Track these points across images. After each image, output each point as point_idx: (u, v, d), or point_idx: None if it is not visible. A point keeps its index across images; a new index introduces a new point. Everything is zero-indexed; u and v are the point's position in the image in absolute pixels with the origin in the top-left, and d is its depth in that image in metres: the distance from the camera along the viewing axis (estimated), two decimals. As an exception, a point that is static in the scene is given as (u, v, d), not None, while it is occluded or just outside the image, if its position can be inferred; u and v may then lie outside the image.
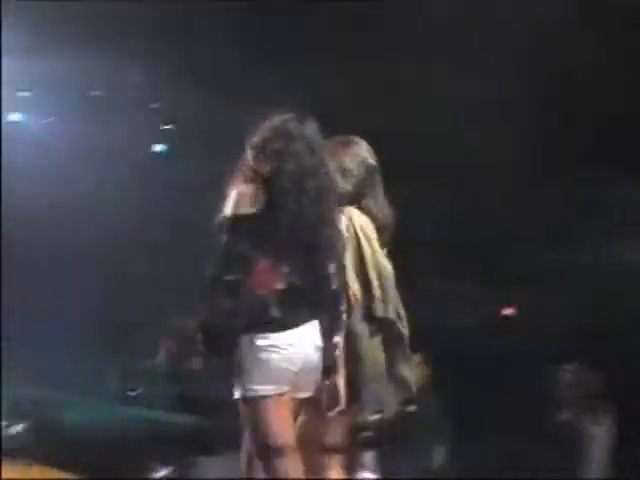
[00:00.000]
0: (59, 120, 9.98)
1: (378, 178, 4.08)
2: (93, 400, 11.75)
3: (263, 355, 3.35)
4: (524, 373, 9.38)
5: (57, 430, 8.95)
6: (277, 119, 3.56)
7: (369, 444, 4.05)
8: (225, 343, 3.37)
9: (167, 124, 10.75)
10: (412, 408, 3.94)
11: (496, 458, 8.46)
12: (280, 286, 3.37)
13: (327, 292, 3.47)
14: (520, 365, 9.57)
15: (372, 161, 4.06)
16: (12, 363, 10.40)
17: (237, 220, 3.32)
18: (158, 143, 11.00)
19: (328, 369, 3.48)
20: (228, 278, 3.27)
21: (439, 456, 8.26)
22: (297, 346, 3.39)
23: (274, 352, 3.35)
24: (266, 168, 3.45)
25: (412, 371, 4.05)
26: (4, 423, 7.79)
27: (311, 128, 3.52)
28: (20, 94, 9.82)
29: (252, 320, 3.37)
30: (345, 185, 3.85)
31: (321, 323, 3.48)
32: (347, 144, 4.02)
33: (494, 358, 9.86)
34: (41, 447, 7.81)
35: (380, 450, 4.85)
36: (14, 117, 10.02)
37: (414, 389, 4.01)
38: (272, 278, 3.37)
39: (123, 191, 10.35)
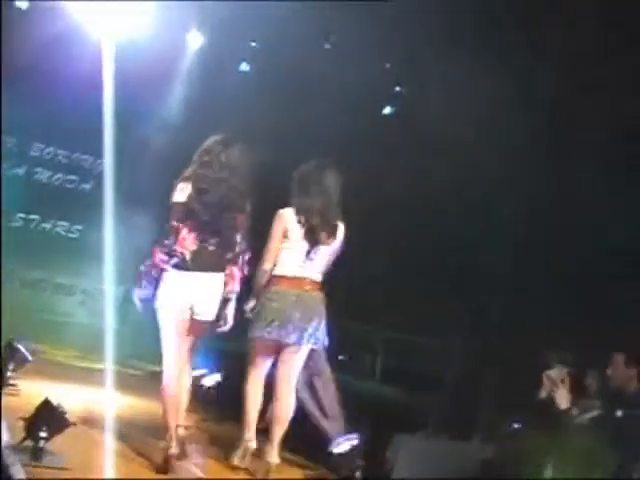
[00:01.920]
0: (287, 71, 9.81)
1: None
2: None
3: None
4: None
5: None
6: (209, 141, 5.44)
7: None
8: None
9: (398, 86, 10.36)
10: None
11: None
12: (193, 247, 5.23)
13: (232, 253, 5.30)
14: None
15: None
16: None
17: (172, 205, 5.26)
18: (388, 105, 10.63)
19: (226, 301, 5.28)
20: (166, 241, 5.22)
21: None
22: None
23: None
24: (194, 172, 5.33)
25: None
26: (201, 372, 7.71)
27: (230, 150, 5.38)
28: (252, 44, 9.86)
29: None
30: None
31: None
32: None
33: None
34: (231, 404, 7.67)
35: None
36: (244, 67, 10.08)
37: None
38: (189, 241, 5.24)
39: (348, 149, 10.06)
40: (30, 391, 6.54)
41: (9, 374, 6.77)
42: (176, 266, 5.16)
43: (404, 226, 10.10)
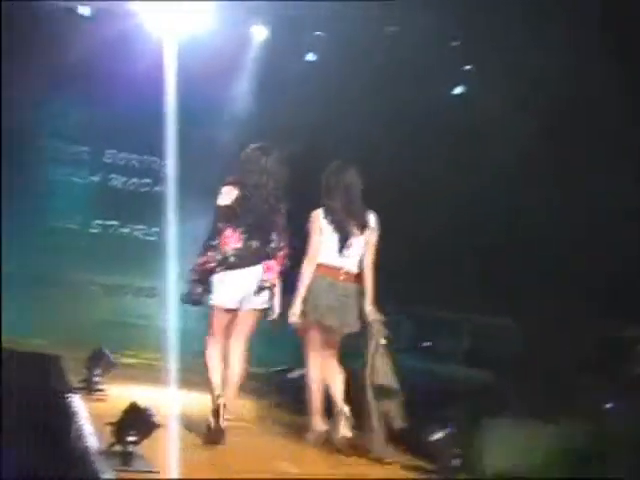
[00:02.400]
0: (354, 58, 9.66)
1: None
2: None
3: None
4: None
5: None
6: (249, 149, 6.14)
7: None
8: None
9: (467, 64, 10.13)
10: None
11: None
12: (238, 245, 5.91)
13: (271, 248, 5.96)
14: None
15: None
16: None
17: (218, 208, 5.96)
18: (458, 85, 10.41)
19: (261, 289, 5.92)
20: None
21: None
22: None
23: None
24: (238, 178, 6.03)
25: None
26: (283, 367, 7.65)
27: (269, 158, 6.04)
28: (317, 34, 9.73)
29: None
30: None
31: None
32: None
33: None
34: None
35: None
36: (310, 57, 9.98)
37: None
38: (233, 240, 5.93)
39: (420, 133, 9.90)
40: (118, 396, 6.55)
41: (96, 379, 6.80)
42: (222, 264, 5.82)
43: (476, 209, 9.89)
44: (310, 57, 10.10)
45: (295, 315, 6.08)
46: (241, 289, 5.91)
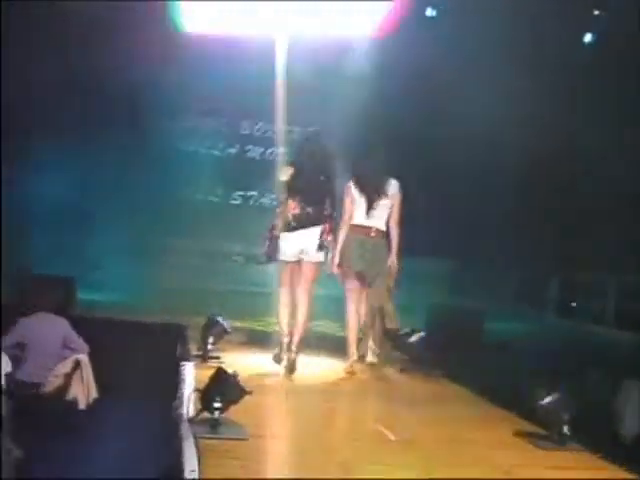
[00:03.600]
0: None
1: None
2: (534, 310, 11.35)
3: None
4: None
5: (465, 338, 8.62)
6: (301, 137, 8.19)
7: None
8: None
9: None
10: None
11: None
12: (297, 212, 7.16)
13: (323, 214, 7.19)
14: None
15: None
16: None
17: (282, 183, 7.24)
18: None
19: (321, 247, 7.17)
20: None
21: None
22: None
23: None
24: (293, 160, 7.40)
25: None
26: (404, 331, 7.49)
27: (316, 144, 7.35)
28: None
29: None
30: None
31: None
32: None
33: None
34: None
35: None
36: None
37: None
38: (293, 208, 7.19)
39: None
40: (231, 363, 6.55)
41: (210, 347, 6.84)
42: (286, 227, 7.13)
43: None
44: (429, 12, 9.78)
45: (334, 265, 7.34)
46: (299, 246, 7.18)
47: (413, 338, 7.43)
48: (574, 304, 11.13)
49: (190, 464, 4.18)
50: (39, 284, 7.81)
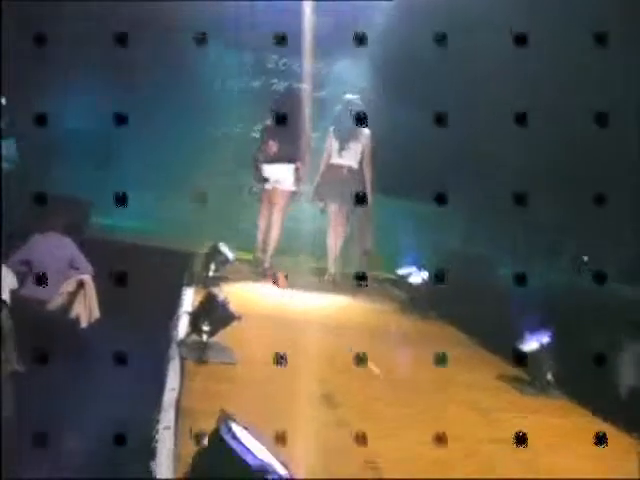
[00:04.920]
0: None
1: None
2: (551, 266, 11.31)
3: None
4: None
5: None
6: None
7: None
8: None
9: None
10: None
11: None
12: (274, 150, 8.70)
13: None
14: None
15: None
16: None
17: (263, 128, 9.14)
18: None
19: (297, 179, 8.77)
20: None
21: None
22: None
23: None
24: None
25: None
26: (406, 271, 7.54)
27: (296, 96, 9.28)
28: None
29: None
30: None
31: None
32: None
33: None
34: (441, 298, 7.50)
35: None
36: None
37: None
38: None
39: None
40: (231, 292, 6.64)
41: (211, 274, 6.95)
42: (266, 161, 8.74)
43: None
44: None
45: (312, 194, 8.85)
46: (276, 175, 8.73)
47: (413, 278, 7.48)
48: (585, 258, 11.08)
49: (171, 383, 4.30)
50: (53, 203, 7.89)
